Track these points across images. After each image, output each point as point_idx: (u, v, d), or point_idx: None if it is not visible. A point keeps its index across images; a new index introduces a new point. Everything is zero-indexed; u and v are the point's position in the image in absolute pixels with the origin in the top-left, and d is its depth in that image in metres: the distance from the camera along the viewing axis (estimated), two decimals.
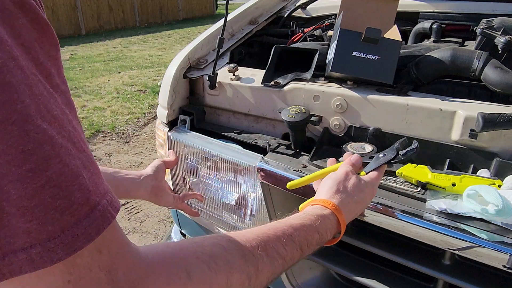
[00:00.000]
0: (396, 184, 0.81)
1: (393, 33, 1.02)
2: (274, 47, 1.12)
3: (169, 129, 1.18)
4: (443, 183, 0.76)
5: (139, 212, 2.94)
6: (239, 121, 1.19)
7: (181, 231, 1.45)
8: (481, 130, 0.77)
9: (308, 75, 1.05)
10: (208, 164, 1.13)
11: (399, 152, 0.72)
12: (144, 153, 3.72)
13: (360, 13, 1.09)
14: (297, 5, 1.61)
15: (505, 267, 0.65)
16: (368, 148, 0.89)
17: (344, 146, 0.91)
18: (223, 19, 1.17)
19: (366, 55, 0.96)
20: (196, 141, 1.10)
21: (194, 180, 1.21)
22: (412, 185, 0.81)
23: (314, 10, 1.61)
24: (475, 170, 0.82)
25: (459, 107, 0.84)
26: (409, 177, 0.80)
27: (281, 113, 0.97)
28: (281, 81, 1.06)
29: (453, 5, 1.31)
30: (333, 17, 1.46)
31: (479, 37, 1.03)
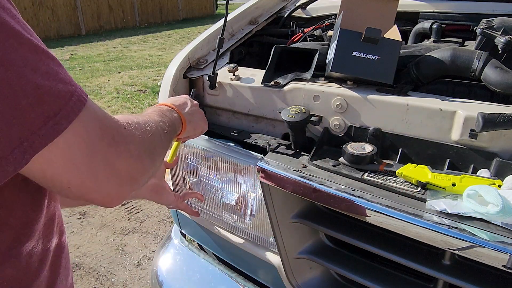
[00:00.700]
0: (396, 184, 0.81)
1: (393, 33, 1.02)
2: (274, 47, 1.12)
3: None
4: (443, 183, 0.76)
5: (139, 212, 2.94)
6: (239, 121, 1.19)
7: (181, 231, 1.45)
8: (481, 130, 0.77)
9: (308, 75, 1.05)
10: (208, 164, 1.13)
11: None
12: None
13: (360, 13, 1.09)
14: (297, 5, 1.61)
15: (505, 267, 0.65)
16: (368, 148, 0.89)
17: (344, 146, 0.91)
18: (223, 19, 1.17)
19: (366, 55, 0.96)
20: (196, 141, 1.10)
21: (194, 180, 1.21)
22: (412, 185, 0.81)
23: (314, 10, 1.61)
24: (475, 170, 0.82)
25: (459, 107, 0.84)
26: (409, 177, 0.80)
27: (281, 113, 0.97)
28: (281, 81, 1.06)
29: (453, 5, 1.31)
30: (333, 17, 1.46)
31: (479, 37, 1.03)
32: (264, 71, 1.10)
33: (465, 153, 0.84)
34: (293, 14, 1.59)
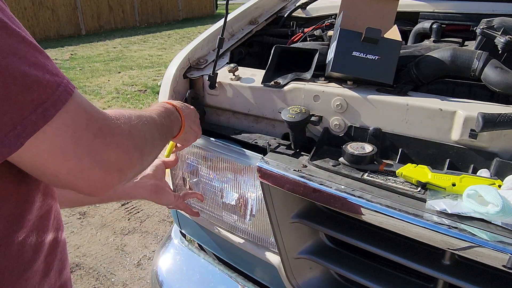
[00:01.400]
0: (396, 184, 0.81)
1: (393, 33, 1.02)
2: (274, 47, 1.12)
3: None
4: (443, 183, 0.76)
5: (139, 212, 2.94)
6: (239, 121, 1.19)
7: (181, 231, 1.45)
8: (481, 130, 0.77)
9: (308, 75, 1.05)
10: (208, 164, 1.13)
11: None
12: None
13: (360, 13, 1.09)
14: (297, 5, 1.61)
15: (505, 267, 0.65)
16: (368, 148, 0.89)
17: (344, 146, 0.91)
18: (223, 19, 1.17)
19: (366, 55, 0.96)
20: (196, 141, 1.10)
21: (194, 180, 1.21)
22: (412, 185, 0.81)
23: (314, 10, 1.61)
24: (475, 170, 0.82)
25: (459, 107, 0.84)
26: (409, 177, 0.80)
27: (281, 113, 0.97)
28: (281, 81, 1.06)
29: (453, 5, 1.31)
30: (333, 17, 1.46)
31: (479, 37, 1.03)
32: (264, 71, 1.10)
33: (465, 153, 0.84)
34: (293, 14, 1.59)
